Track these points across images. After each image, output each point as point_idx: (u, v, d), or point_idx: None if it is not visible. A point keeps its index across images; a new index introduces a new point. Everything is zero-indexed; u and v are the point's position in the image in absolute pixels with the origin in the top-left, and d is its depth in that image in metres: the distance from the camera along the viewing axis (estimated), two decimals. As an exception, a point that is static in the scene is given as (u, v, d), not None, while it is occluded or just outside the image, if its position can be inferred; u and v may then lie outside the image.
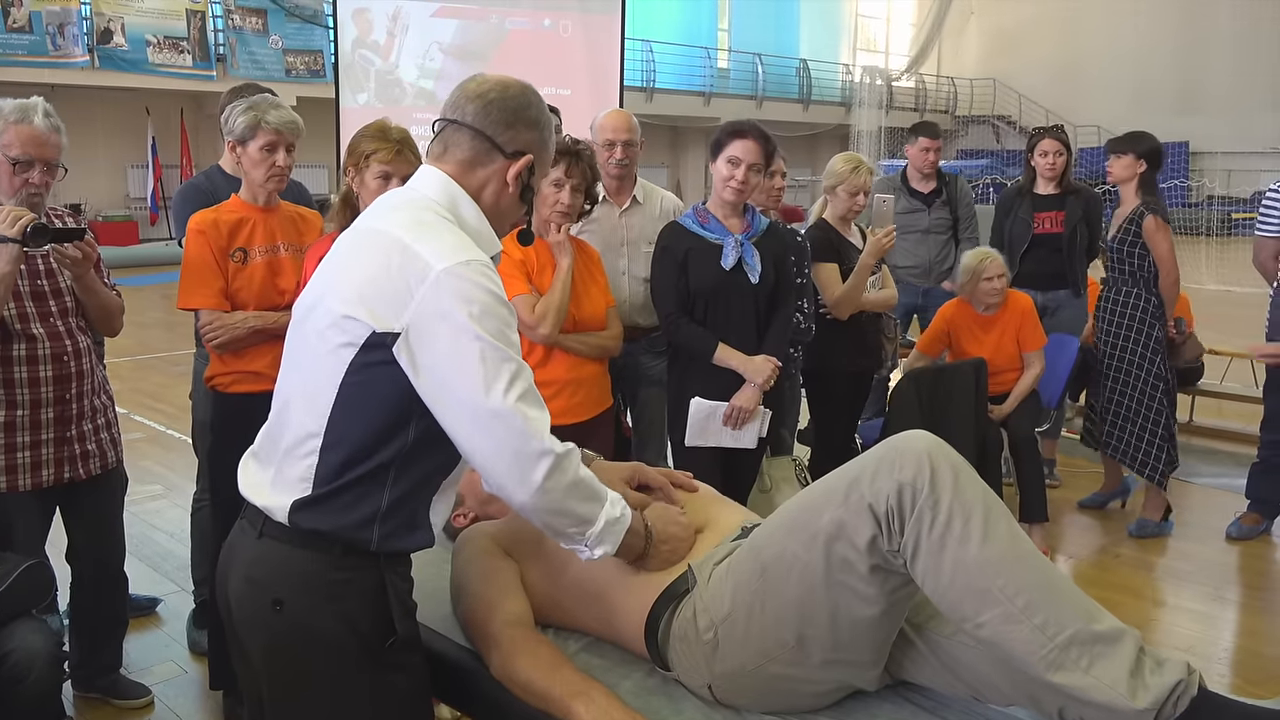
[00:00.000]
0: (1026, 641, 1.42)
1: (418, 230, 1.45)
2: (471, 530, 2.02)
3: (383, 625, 1.51)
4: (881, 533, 1.48)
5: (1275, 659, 3.24)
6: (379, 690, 1.53)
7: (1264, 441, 4.20)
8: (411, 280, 1.40)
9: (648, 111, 17.99)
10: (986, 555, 1.44)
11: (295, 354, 1.55)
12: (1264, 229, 4.13)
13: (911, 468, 1.48)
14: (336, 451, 1.46)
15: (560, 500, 1.46)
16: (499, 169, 1.55)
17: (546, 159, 1.62)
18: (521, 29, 7.76)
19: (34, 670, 2.12)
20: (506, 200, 1.57)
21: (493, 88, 1.55)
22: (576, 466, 1.47)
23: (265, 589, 1.50)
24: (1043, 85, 25.17)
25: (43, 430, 2.48)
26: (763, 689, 1.62)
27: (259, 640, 1.53)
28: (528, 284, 2.76)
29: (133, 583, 3.01)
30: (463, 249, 1.43)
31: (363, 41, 7.23)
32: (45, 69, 13.56)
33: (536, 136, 1.57)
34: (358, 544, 1.49)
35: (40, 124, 2.41)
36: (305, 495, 1.48)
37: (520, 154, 1.55)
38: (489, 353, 1.38)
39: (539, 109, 1.58)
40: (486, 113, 1.54)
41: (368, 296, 1.42)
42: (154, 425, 6.02)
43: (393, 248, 1.44)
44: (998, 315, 4.25)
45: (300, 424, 1.49)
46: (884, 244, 3.54)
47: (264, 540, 1.51)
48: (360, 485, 1.47)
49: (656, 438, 3.49)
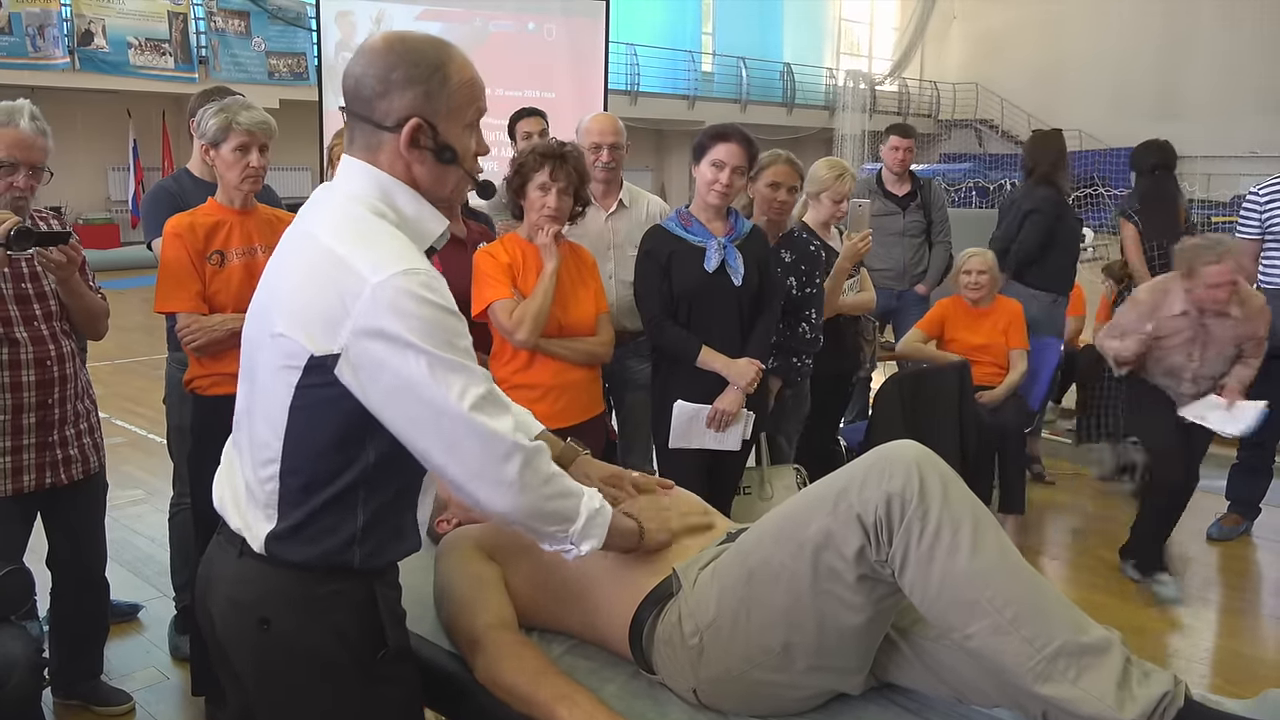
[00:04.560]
0: (1015, 653, 1.42)
1: (349, 237, 1.34)
2: (455, 535, 2.02)
3: (373, 637, 1.47)
4: (870, 543, 1.48)
5: (1255, 658, 3.27)
6: (372, 703, 1.48)
7: (1243, 443, 4.23)
8: (346, 297, 1.29)
9: (632, 115, 17.99)
10: (975, 567, 1.44)
11: (249, 362, 1.47)
12: (1244, 232, 4.17)
13: (900, 478, 1.48)
14: (296, 477, 1.39)
15: (539, 499, 1.40)
16: (391, 146, 1.39)
17: (445, 108, 1.39)
18: (505, 32, 7.76)
19: (13, 677, 2.10)
20: (422, 173, 1.41)
21: (357, 59, 1.40)
22: (548, 461, 1.42)
23: (250, 609, 1.44)
24: (1025, 89, 25.32)
25: (24, 435, 2.46)
26: (747, 693, 1.62)
27: (247, 659, 1.48)
28: (510, 287, 2.75)
29: (114, 588, 2.98)
30: (397, 258, 1.31)
31: (346, 44, 7.21)
32: (25, 71, 13.46)
33: (417, 93, 1.37)
34: (342, 564, 1.43)
35: (26, 127, 2.39)
36: (275, 528, 1.41)
37: (403, 122, 1.38)
38: (436, 367, 1.30)
39: (413, 61, 1.38)
40: (356, 93, 1.39)
41: (300, 315, 1.33)
42: (135, 430, 5.98)
43: (324, 259, 1.33)
44: (989, 310, 4.38)
45: (262, 439, 1.42)
46: (860, 248, 3.55)
47: (244, 560, 1.45)
48: (329, 512, 1.40)
49: (642, 441, 3.49)
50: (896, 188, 5.08)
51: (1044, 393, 4.66)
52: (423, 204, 1.44)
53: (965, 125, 26.79)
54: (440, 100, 1.39)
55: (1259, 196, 4.10)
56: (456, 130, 1.42)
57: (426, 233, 1.44)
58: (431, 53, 1.39)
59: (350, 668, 1.45)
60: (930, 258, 5.09)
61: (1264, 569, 4.05)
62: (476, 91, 1.43)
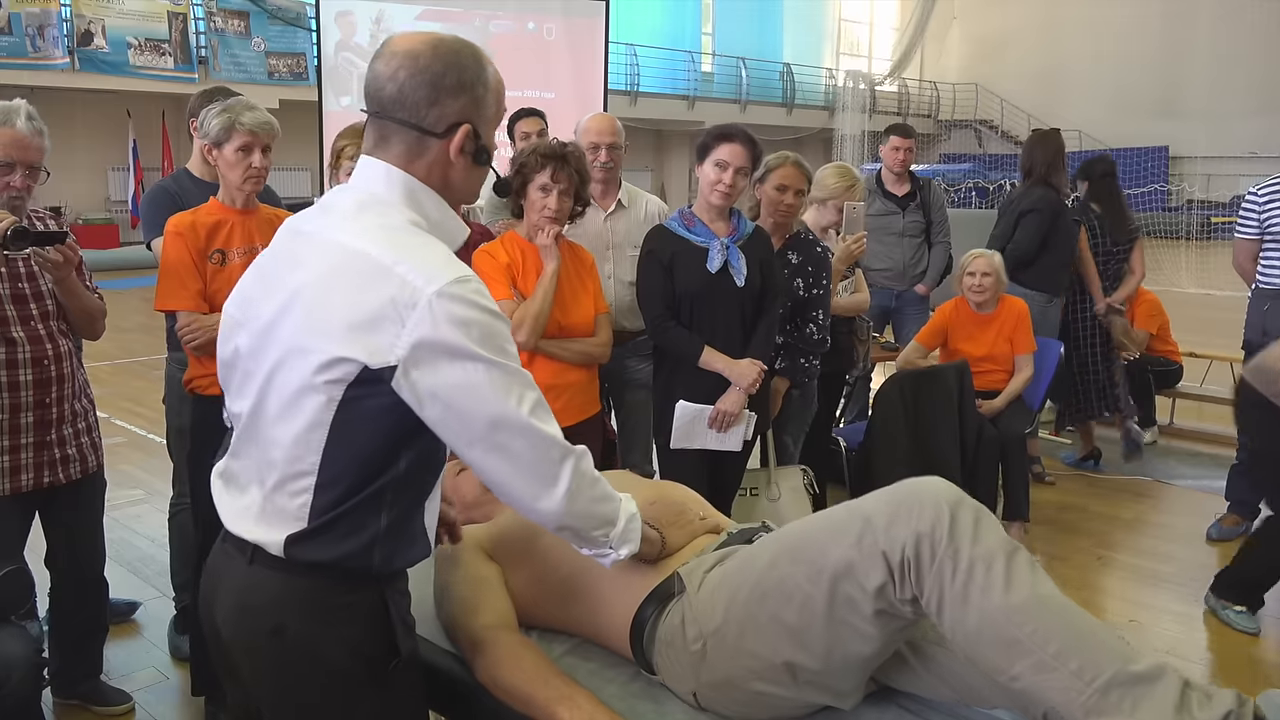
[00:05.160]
0: (1063, 690, 1.38)
1: (392, 246, 1.32)
2: (456, 534, 2.01)
3: (386, 646, 1.45)
4: (893, 581, 1.45)
5: (1255, 659, 3.27)
6: (382, 710, 1.47)
7: (1243, 443, 4.23)
8: (402, 308, 1.28)
9: (632, 115, 18.02)
10: (1012, 603, 1.40)
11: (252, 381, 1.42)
12: (1242, 232, 4.17)
13: (930, 517, 1.45)
14: (333, 488, 1.37)
15: (586, 502, 1.41)
16: (439, 151, 1.40)
17: (488, 114, 1.43)
18: (506, 32, 7.76)
19: (13, 677, 2.10)
20: (459, 176, 1.43)
21: (402, 64, 1.37)
22: (591, 464, 1.43)
23: (262, 616, 1.41)
24: (1024, 90, 25.36)
25: (22, 434, 2.46)
26: (747, 700, 1.62)
27: (258, 666, 1.45)
28: (510, 288, 2.75)
29: (113, 588, 2.98)
30: (448, 265, 1.32)
31: (346, 44, 7.22)
32: (25, 71, 13.46)
33: (468, 99, 1.39)
34: (359, 568, 1.41)
35: (23, 127, 2.39)
36: (301, 529, 1.39)
37: (455, 127, 1.39)
38: (495, 374, 1.31)
39: (461, 65, 1.39)
40: (402, 97, 1.37)
41: (347, 328, 1.30)
42: (135, 430, 5.98)
43: (371, 271, 1.31)
44: (994, 315, 4.34)
45: (288, 461, 1.37)
46: (854, 251, 3.54)
47: (256, 567, 1.42)
48: (357, 513, 1.39)
49: (642, 441, 3.49)
50: (896, 188, 5.08)
51: (1044, 393, 4.66)
52: (446, 209, 1.44)
53: (965, 126, 26.82)
54: (486, 105, 1.42)
55: (1258, 197, 4.10)
56: (491, 133, 1.45)
57: (453, 238, 1.44)
58: (472, 58, 1.41)
59: (363, 676, 1.44)
60: (930, 258, 5.09)
61: (1264, 569, 4.04)
62: (503, 93, 1.47)
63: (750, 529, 1.85)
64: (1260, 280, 4.08)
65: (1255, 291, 4.11)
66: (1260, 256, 4.09)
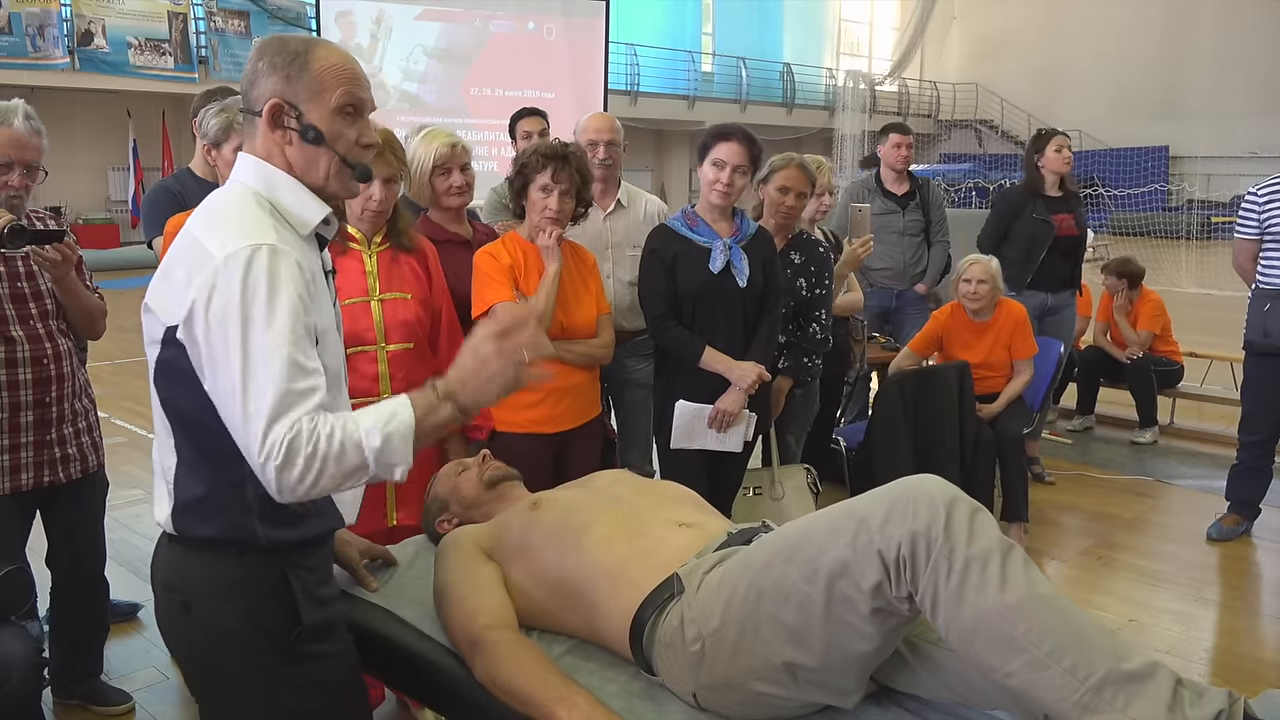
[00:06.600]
0: (1056, 687, 1.39)
1: (209, 220, 1.44)
2: (455, 534, 2.01)
3: (289, 619, 1.52)
4: (889, 580, 1.45)
5: (1255, 658, 3.27)
6: (300, 683, 1.55)
7: (1243, 443, 4.23)
8: (193, 270, 1.38)
9: (632, 115, 17.99)
10: (1006, 601, 1.41)
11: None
12: (1242, 232, 4.17)
13: (925, 516, 1.45)
14: (185, 460, 1.48)
15: (316, 483, 1.32)
16: (263, 130, 1.49)
17: (308, 91, 1.47)
18: (506, 32, 7.76)
19: (13, 676, 2.10)
20: (295, 155, 1.49)
21: (249, 61, 1.52)
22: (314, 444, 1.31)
23: (175, 593, 1.54)
24: (1025, 90, 25.36)
25: (22, 433, 2.46)
26: (747, 701, 1.62)
27: (176, 644, 1.59)
28: (512, 289, 2.74)
29: (113, 588, 2.98)
30: (249, 233, 1.38)
31: (346, 44, 7.22)
32: (25, 70, 13.46)
33: (279, 77, 1.47)
34: (246, 540, 1.49)
35: (20, 126, 2.39)
36: (174, 504, 1.51)
37: (271, 107, 1.48)
38: (254, 343, 1.32)
39: (284, 50, 1.48)
40: (244, 89, 1.52)
41: (160, 292, 1.44)
42: (135, 430, 5.98)
43: (184, 241, 1.44)
44: (990, 322, 4.31)
45: (157, 440, 1.54)
46: (860, 254, 3.53)
47: (169, 548, 1.55)
48: (217, 485, 1.47)
49: (641, 440, 3.49)
50: (896, 187, 5.08)
51: (1044, 393, 4.66)
52: (303, 191, 1.51)
53: (965, 126, 26.81)
54: (300, 83, 1.47)
55: (1257, 197, 4.10)
56: (321, 113, 1.49)
57: (306, 219, 1.51)
58: (296, 44, 1.50)
59: (271, 650, 1.52)
60: (929, 257, 5.10)
61: (1264, 569, 4.05)
62: (344, 77, 1.49)
63: (750, 529, 1.85)
64: (1260, 280, 4.08)
65: (1255, 291, 4.11)
66: (1260, 256, 4.09)
